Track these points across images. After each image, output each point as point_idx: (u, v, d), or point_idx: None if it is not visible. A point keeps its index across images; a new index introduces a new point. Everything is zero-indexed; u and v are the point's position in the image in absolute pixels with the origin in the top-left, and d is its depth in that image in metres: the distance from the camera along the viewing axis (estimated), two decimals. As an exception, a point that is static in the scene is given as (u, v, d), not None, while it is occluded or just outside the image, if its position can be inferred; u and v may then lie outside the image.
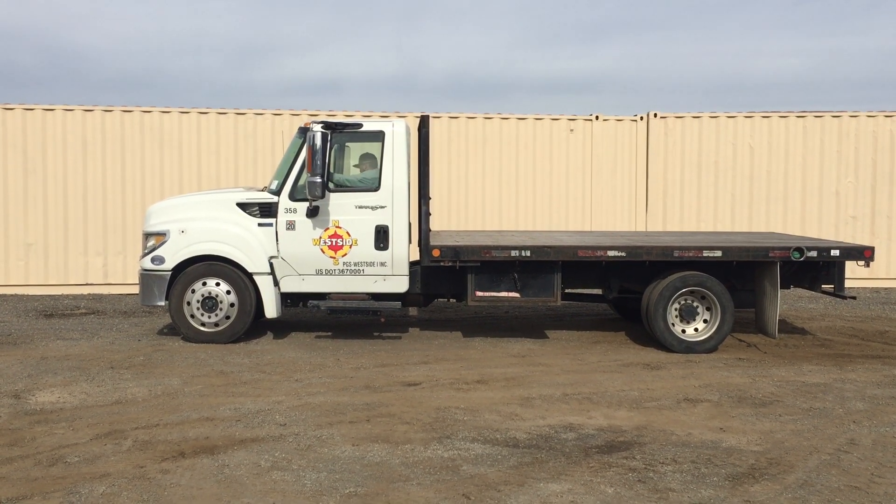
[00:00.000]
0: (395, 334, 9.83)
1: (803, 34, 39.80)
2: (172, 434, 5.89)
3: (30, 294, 12.91)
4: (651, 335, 9.09)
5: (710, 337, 8.87)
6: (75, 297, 12.84)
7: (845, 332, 10.09)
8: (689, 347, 8.83)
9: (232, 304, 9.10)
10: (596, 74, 41.69)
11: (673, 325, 8.90)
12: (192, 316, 9.12)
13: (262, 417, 6.31)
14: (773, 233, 12.45)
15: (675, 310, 8.92)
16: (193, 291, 9.10)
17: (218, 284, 9.10)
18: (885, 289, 13.59)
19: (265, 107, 13.61)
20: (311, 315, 11.08)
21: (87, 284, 13.12)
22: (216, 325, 9.13)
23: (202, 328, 9.13)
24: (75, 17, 39.12)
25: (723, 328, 8.85)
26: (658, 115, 13.89)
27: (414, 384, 7.42)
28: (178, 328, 9.24)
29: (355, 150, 9.58)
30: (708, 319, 8.94)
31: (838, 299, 9.56)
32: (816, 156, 13.89)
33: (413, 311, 11.40)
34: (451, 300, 9.90)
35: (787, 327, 10.36)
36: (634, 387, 7.38)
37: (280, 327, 10.18)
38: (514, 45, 41.89)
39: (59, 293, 12.98)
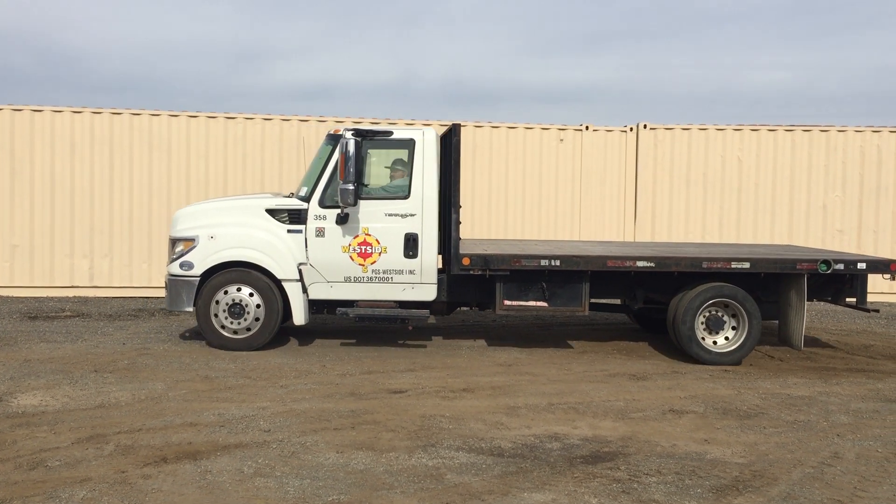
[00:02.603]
0: (379, 341, 9.80)
1: (793, 49, 40.12)
2: (155, 439, 5.85)
3: (14, 296, 12.82)
4: (677, 346, 9.08)
5: (737, 348, 8.85)
6: (60, 299, 12.76)
7: (830, 346, 10.13)
8: (717, 359, 8.82)
9: (258, 309, 9.02)
10: (589, 85, 41.87)
11: (700, 336, 8.89)
12: (219, 322, 9.03)
13: (246, 423, 6.27)
14: (791, 245, 12.49)
15: (702, 321, 8.92)
16: (223, 296, 9.02)
17: (250, 293, 9.00)
18: (870, 302, 13.61)
19: (258, 111, 13.58)
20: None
21: (72, 287, 13.04)
22: (243, 331, 9.03)
23: (229, 335, 9.03)
24: (69, 19, 39.03)
25: (750, 340, 8.84)
26: (648, 127, 13.94)
27: (400, 392, 7.40)
28: (204, 334, 9.13)
29: (380, 157, 9.52)
30: (735, 330, 8.94)
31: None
32: (804, 169, 13.97)
33: (431, 319, 11.31)
34: (473, 308, 9.91)
35: (772, 340, 10.40)
36: (620, 397, 7.39)
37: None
38: (509, 54, 42.04)
39: (44, 295, 12.90)
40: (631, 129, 14.04)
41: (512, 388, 7.62)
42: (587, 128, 13.94)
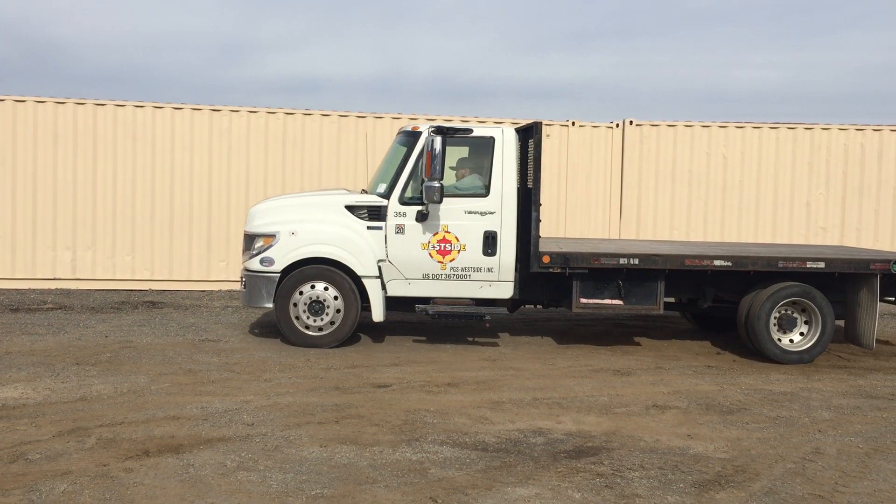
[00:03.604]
0: (365, 336, 9.79)
1: (779, 48, 40.33)
2: (137, 432, 5.81)
3: (-4, 288, 12.70)
4: (748, 344, 9.14)
5: (812, 346, 8.92)
6: (42, 291, 12.65)
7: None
8: (791, 357, 8.88)
9: (338, 309, 8.97)
10: (576, 81, 41.94)
11: (774, 335, 8.93)
12: (298, 319, 8.97)
13: (229, 417, 6.24)
14: (843, 246, 12.55)
15: (775, 319, 8.95)
16: (305, 291, 8.96)
17: (326, 288, 8.96)
18: None
19: (243, 104, 13.51)
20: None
21: (54, 279, 12.93)
22: (322, 328, 8.98)
23: (308, 331, 8.98)
24: (54, 8, 38.67)
25: (824, 338, 8.91)
26: (634, 123, 13.97)
27: (384, 386, 7.39)
28: (283, 331, 9.05)
29: (452, 154, 9.47)
30: (806, 330, 9.00)
31: None
32: (788, 167, 14.05)
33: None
34: (536, 307, 9.94)
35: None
36: (604, 392, 7.41)
37: (248, 326, 10.11)
38: (497, 50, 42.06)
39: (26, 287, 12.78)
40: (617, 126, 14.06)
41: (496, 383, 7.63)
42: (573, 123, 13.95)
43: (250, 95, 45.69)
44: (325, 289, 8.98)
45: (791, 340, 9.01)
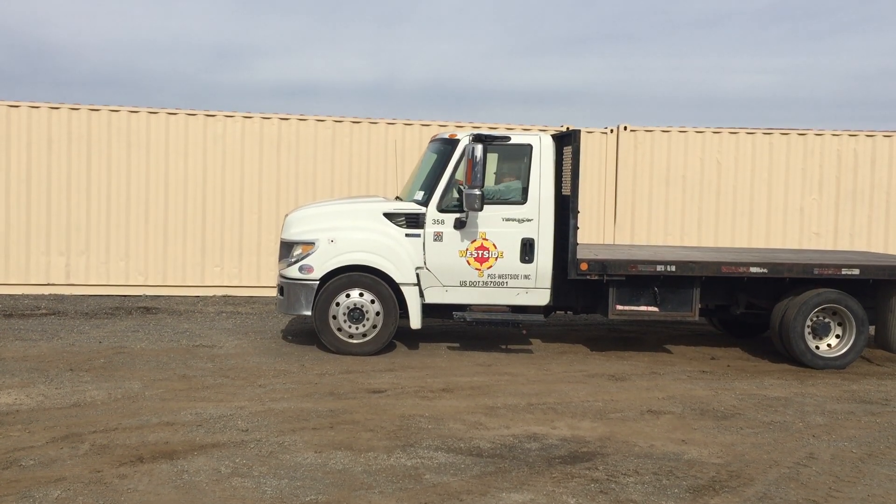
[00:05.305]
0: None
1: (773, 53, 40.46)
2: (131, 438, 5.80)
3: (-11, 293, 12.65)
4: (781, 350, 9.17)
5: (846, 353, 8.98)
6: (36, 296, 12.60)
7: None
8: (825, 363, 8.93)
9: (378, 315, 8.95)
10: (572, 86, 41.98)
11: (808, 341, 8.96)
12: (337, 326, 8.93)
13: (223, 423, 6.23)
14: (869, 252, 12.58)
15: (809, 326, 8.98)
16: (344, 300, 8.92)
17: (362, 295, 8.94)
18: None
19: (238, 109, 13.50)
20: (272, 323, 10.98)
21: (48, 284, 12.89)
22: (360, 336, 8.95)
23: (348, 339, 8.94)
24: (48, 13, 38.58)
25: (858, 345, 8.96)
26: (628, 128, 14.00)
27: (379, 391, 7.39)
28: (322, 338, 8.99)
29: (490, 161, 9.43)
30: (839, 336, 9.04)
31: None
32: (782, 173, 14.08)
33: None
34: (567, 313, 9.95)
35: (749, 342, 10.50)
36: (599, 398, 7.42)
37: (243, 332, 10.09)
38: (493, 55, 42.06)
39: (20, 293, 12.73)
40: (612, 131, 14.09)
41: (491, 389, 7.63)
42: (567, 129, 13.94)
43: (245, 100, 45.62)
44: (363, 296, 8.95)
45: (829, 345, 9.05)
